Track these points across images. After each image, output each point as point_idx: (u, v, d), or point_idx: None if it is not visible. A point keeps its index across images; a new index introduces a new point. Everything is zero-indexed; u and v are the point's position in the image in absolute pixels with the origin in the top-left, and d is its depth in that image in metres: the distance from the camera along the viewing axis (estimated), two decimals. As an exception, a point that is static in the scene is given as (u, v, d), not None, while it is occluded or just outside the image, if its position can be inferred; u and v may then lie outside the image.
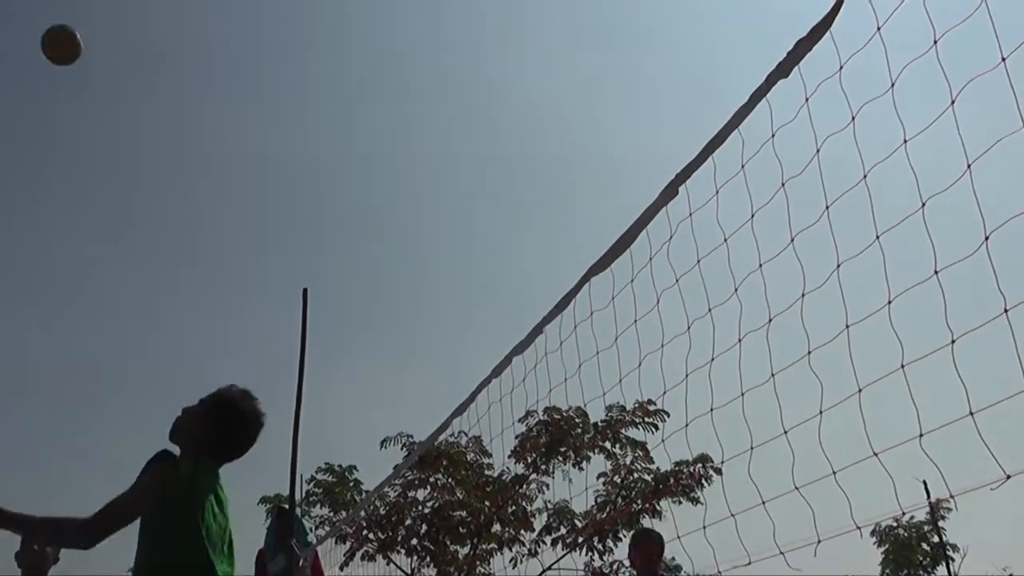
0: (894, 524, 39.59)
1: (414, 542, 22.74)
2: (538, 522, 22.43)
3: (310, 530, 17.54)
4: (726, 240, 4.03)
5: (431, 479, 22.54)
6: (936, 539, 39.79)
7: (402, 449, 21.50)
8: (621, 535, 21.40)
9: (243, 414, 4.08)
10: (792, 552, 3.67)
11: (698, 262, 4.18)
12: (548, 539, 22.18)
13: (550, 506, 22.34)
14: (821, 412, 3.57)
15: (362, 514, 22.14)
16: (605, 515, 21.67)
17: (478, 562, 22.65)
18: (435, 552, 22.58)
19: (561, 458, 21.82)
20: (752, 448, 3.93)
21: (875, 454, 3.36)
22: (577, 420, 21.33)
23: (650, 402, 20.26)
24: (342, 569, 21.96)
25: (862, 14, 3.39)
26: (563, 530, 22.12)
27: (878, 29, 3.39)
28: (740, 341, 3.97)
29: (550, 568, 22.33)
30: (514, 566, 22.19)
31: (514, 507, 22.44)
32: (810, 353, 3.60)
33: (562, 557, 21.90)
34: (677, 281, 4.32)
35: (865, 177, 3.42)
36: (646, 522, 20.69)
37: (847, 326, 3.44)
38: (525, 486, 22.41)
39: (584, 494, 24.89)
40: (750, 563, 4.04)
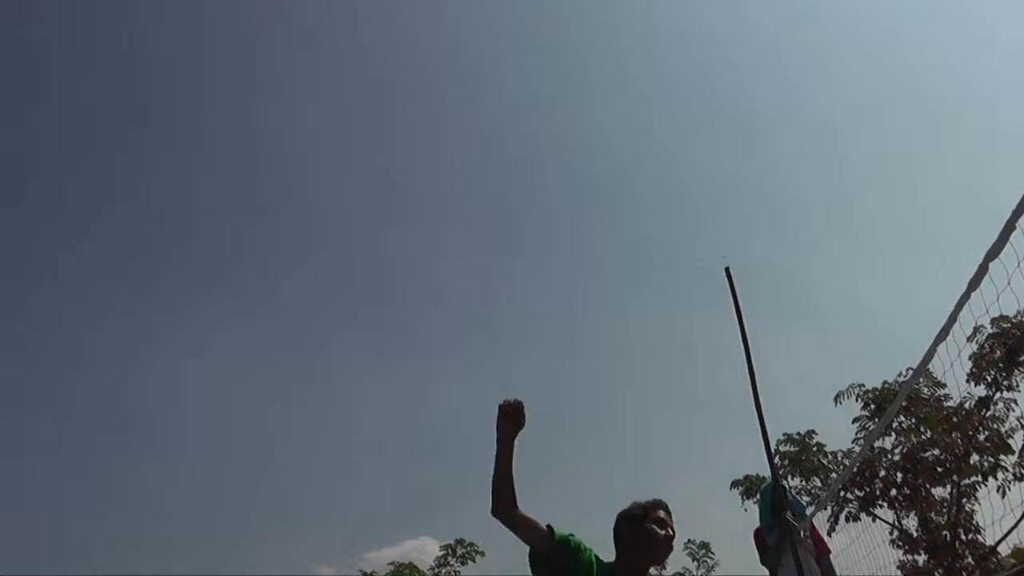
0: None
1: (893, 492, 22.07)
2: (1015, 442, 20.99)
3: (804, 503, 17.59)
4: None
5: (894, 425, 21.84)
6: None
7: (857, 400, 21.08)
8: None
9: None
10: None
11: None
12: (1034, 458, 20.70)
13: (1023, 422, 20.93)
14: None
15: (832, 476, 21.84)
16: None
17: (964, 499, 21.49)
18: (915, 498, 21.76)
19: (1023, 369, 20.47)
20: None
21: None
22: (1033, 322, 19.92)
23: None
24: (830, 535, 21.73)
25: None
26: (1051, 443, 20.63)
27: None
28: None
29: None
30: (1002, 495, 20.64)
31: (986, 432, 21.17)
32: None
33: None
34: None
35: None
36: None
37: None
38: (992, 407, 21.16)
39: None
40: None
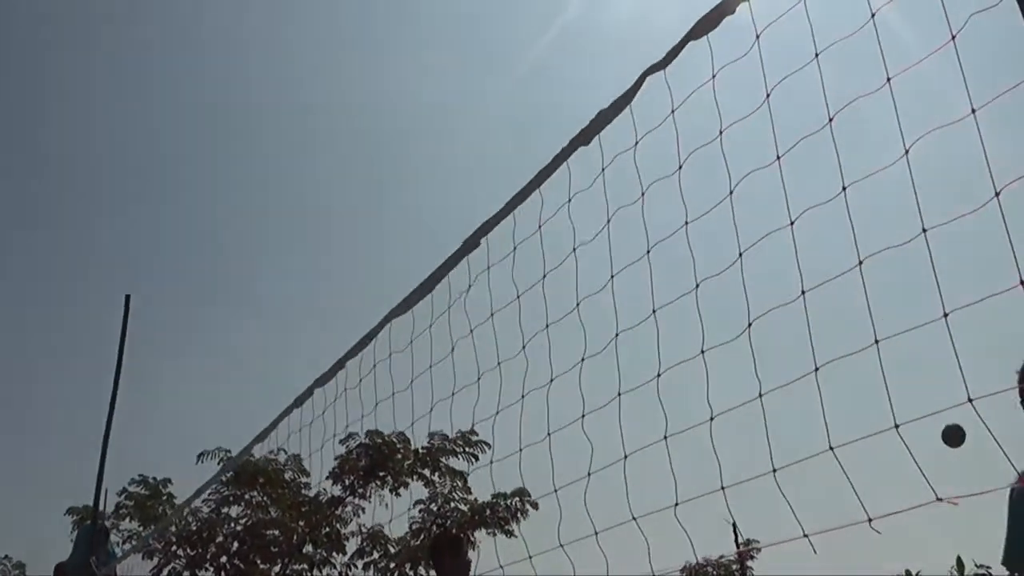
0: (703, 563, 40.57)
1: (224, 560, 22.16)
2: (351, 545, 22.20)
3: (116, 544, 17.01)
4: (519, 296, 4.12)
5: (246, 496, 22.06)
6: (743, 579, 40.98)
7: (218, 464, 21.01)
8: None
9: None
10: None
11: (492, 315, 4.26)
12: (360, 563, 21.93)
13: (364, 530, 22.13)
14: (589, 474, 3.67)
15: (172, 529, 21.49)
16: (419, 542, 21.62)
17: (286, 584, 22.26)
18: (245, 571, 22.07)
19: (379, 483, 21.71)
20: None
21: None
22: (398, 445, 21.26)
23: (472, 432, 20.38)
24: (146, 587, 21.20)
25: (659, 97, 3.53)
26: (376, 554, 21.92)
27: (672, 112, 3.53)
28: (523, 397, 4.05)
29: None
30: None
31: (328, 528, 22.14)
32: (584, 416, 3.70)
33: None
34: (472, 331, 4.40)
35: (648, 252, 3.55)
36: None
37: (619, 394, 3.56)
38: (341, 508, 22.16)
39: (400, 519, 24.71)
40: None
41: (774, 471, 2.96)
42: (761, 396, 3.04)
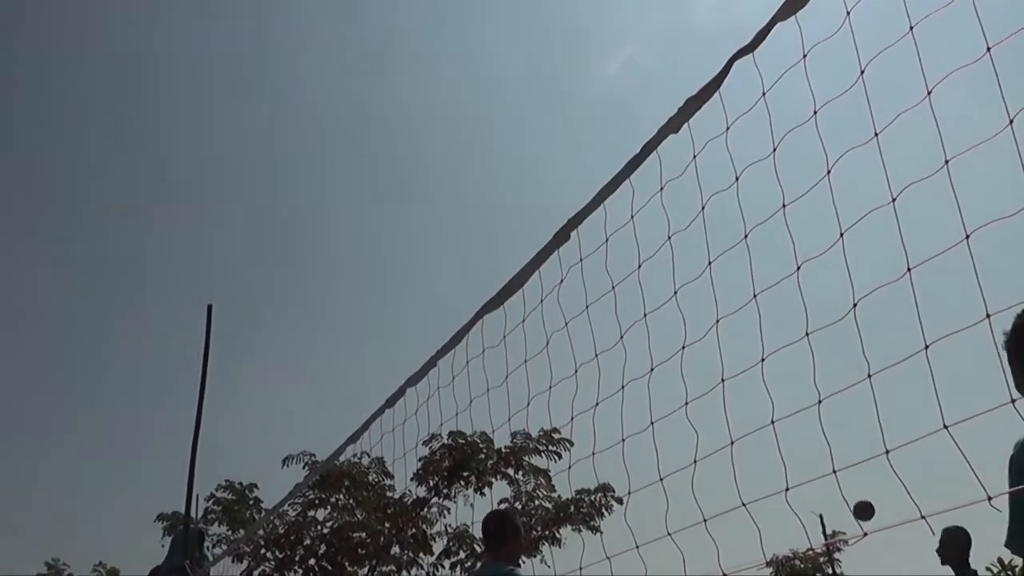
0: (791, 556, 40.17)
1: (312, 562, 22.46)
2: (438, 546, 22.38)
3: (208, 548, 17.31)
4: (614, 288, 4.11)
5: (332, 499, 22.35)
6: (831, 571, 40.53)
7: (304, 468, 21.31)
8: (521, 561, 21.39)
9: None
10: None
11: (587, 307, 4.26)
12: (447, 563, 22.08)
13: (450, 530, 22.28)
14: (695, 461, 3.65)
15: (260, 532, 21.83)
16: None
17: (377, 584, 22.50)
18: (333, 573, 22.36)
19: (463, 483, 21.85)
20: (630, 492, 3.99)
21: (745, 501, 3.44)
22: (481, 445, 21.38)
23: (555, 430, 20.41)
24: (235, 588, 21.59)
25: (750, 78, 3.50)
26: (462, 555, 22.05)
27: (763, 94, 3.50)
28: (623, 388, 4.05)
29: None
30: None
31: (414, 530, 22.33)
32: (687, 404, 3.69)
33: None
34: (567, 324, 4.40)
35: (747, 237, 3.53)
36: (546, 550, 20.81)
37: (723, 380, 3.54)
38: (426, 509, 22.34)
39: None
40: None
41: (887, 451, 2.92)
42: (870, 377, 3.00)
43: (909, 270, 2.93)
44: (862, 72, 3.20)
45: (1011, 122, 2.75)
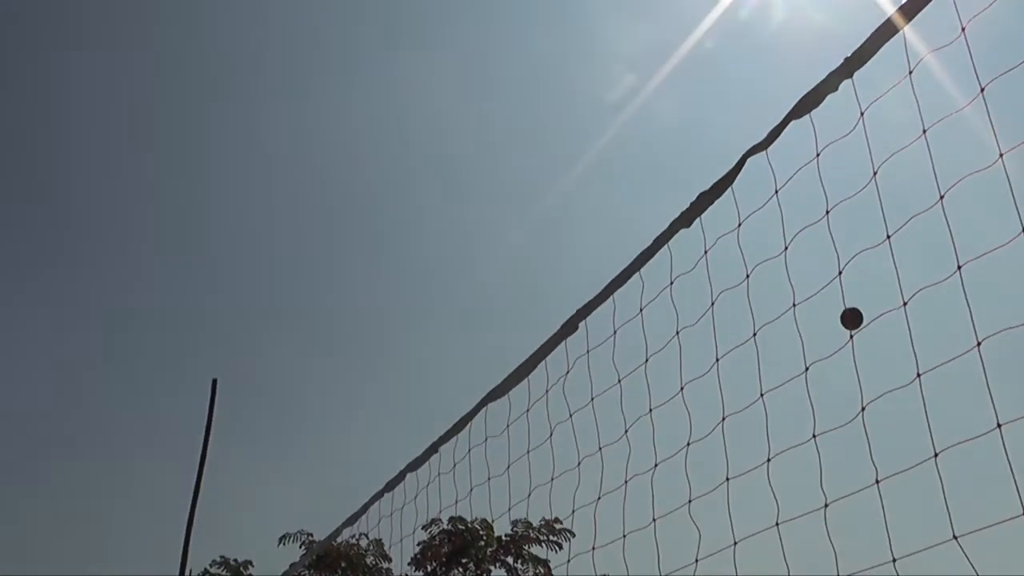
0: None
1: (301, 644, 22.03)
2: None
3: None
4: (620, 381, 4.08)
5: (328, 584, 22.01)
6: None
7: (300, 547, 21.00)
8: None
9: None
10: None
11: (592, 400, 4.22)
12: (441, 651, 21.65)
13: (446, 617, 21.89)
14: (697, 561, 3.58)
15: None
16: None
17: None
18: (327, 656, 21.95)
19: (462, 569, 21.53)
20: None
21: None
22: (481, 532, 21.11)
23: (556, 520, 20.16)
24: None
25: (761, 178, 3.51)
26: (459, 643, 21.65)
27: (776, 192, 3.51)
28: (626, 483, 3.99)
29: None
30: None
31: (407, 615, 21.96)
32: (691, 502, 3.63)
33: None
34: (571, 416, 4.36)
35: (755, 335, 3.50)
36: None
37: (727, 479, 3.49)
38: (424, 595, 21.99)
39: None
40: None
41: (894, 561, 2.86)
42: (878, 483, 2.95)
43: (919, 375, 2.90)
44: (875, 173, 3.20)
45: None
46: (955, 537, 2.67)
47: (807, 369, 3.27)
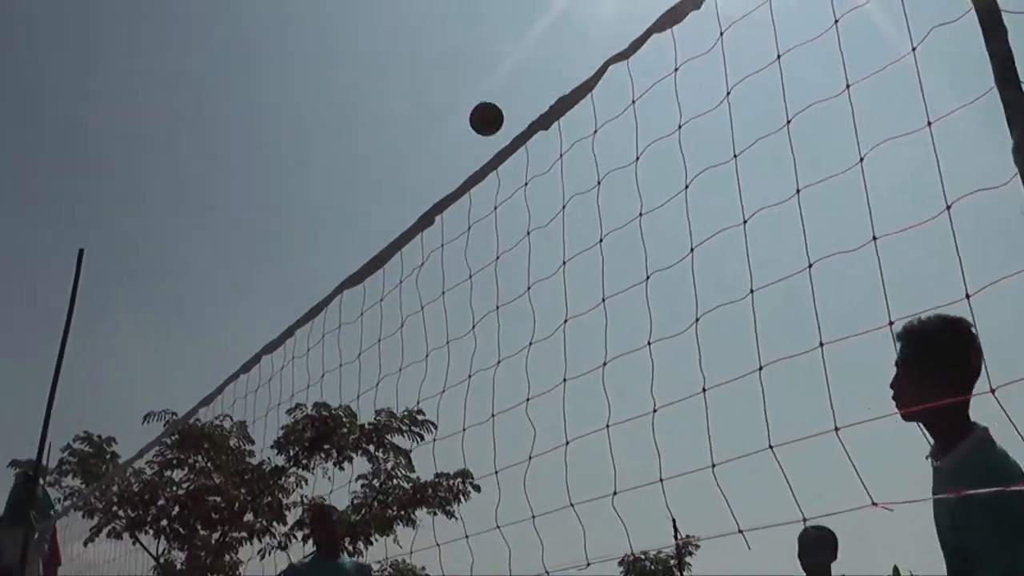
0: (641, 556, 40.93)
1: (164, 523, 22.02)
2: (292, 516, 22.17)
3: (57, 500, 16.81)
4: (471, 276, 4.12)
5: (190, 460, 21.95)
6: (679, 574, 41.46)
7: (164, 426, 20.88)
8: (374, 539, 21.44)
9: None
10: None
11: (443, 293, 4.26)
12: (299, 534, 21.87)
13: (306, 501, 22.07)
14: (531, 457, 3.68)
15: (114, 489, 21.32)
16: (359, 517, 21.61)
17: (226, 551, 22.21)
18: (185, 535, 21.99)
19: (324, 455, 21.68)
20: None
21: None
22: (345, 419, 21.22)
23: (419, 411, 20.41)
24: (86, 545, 20.83)
25: (620, 86, 3.54)
26: (316, 526, 21.83)
27: (633, 102, 3.54)
28: (470, 378, 4.05)
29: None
30: (262, 557, 21.77)
31: (270, 498, 22.08)
32: (528, 400, 3.71)
33: (311, 554, 21.58)
34: (423, 308, 4.40)
35: (601, 241, 3.56)
36: (400, 529, 20.86)
37: (564, 380, 3.57)
38: (284, 478, 22.11)
39: (342, 492, 24.63)
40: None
41: (713, 467, 2.97)
42: (705, 391, 3.05)
43: (752, 292, 2.99)
44: (728, 93, 3.25)
45: (861, 160, 2.83)
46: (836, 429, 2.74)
47: (648, 278, 3.34)
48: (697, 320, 3.15)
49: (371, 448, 21.86)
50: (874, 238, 2.68)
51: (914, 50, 2.66)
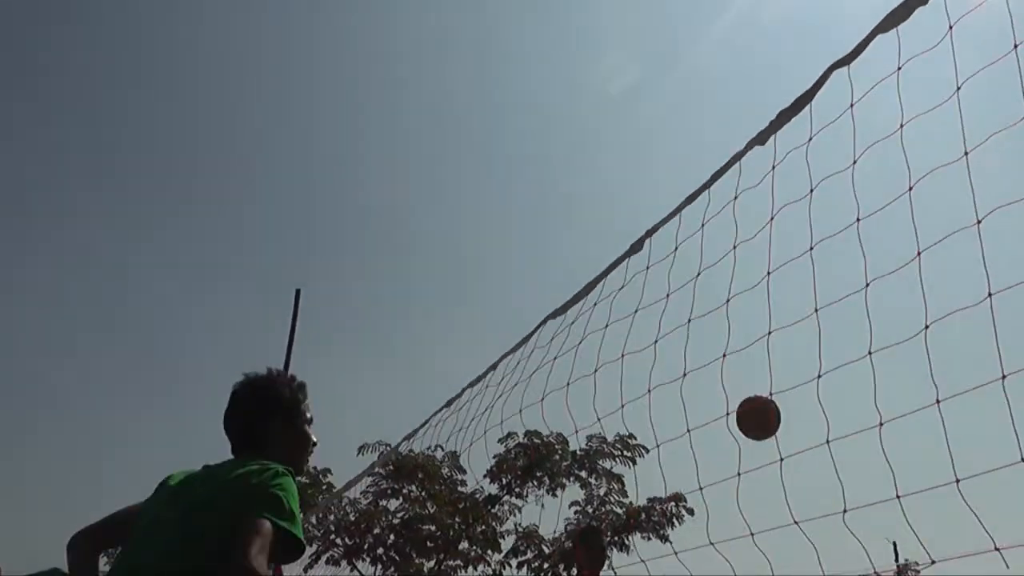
0: (859, 579, 39.25)
1: (380, 551, 22.55)
2: (506, 544, 22.30)
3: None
4: (668, 296, 4.05)
5: (404, 490, 22.42)
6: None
7: (378, 457, 21.42)
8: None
9: None
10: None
11: (635, 312, 4.23)
12: (514, 562, 21.98)
13: (520, 529, 22.18)
14: (781, 459, 3.55)
15: (331, 518, 21.99)
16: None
17: (444, 577, 22.54)
18: (400, 563, 22.42)
19: (536, 483, 21.76)
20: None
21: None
22: (557, 446, 21.26)
23: (631, 436, 20.24)
24: (306, 571, 21.69)
25: (840, 92, 3.40)
26: (530, 554, 21.94)
27: (851, 105, 3.39)
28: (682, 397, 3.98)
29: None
30: None
31: (484, 526, 22.28)
32: (728, 415, 3.63)
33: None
34: (629, 331, 4.36)
35: (812, 249, 3.42)
36: (614, 555, 20.70)
37: (770, 393, 3.45)
38: (497, 507, 22.29)
39: (555, 520, 24.69)
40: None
41: (957, 481, 2.79)
42: (939, 403, 2.87)
43: (991, 295, 2.79)
44: (958, 88, 3.06)
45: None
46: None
47: (867, 285, 3.19)
48: (927, 327, 2.96)
49: (583, 474, 21.79)
50: None
51: None
